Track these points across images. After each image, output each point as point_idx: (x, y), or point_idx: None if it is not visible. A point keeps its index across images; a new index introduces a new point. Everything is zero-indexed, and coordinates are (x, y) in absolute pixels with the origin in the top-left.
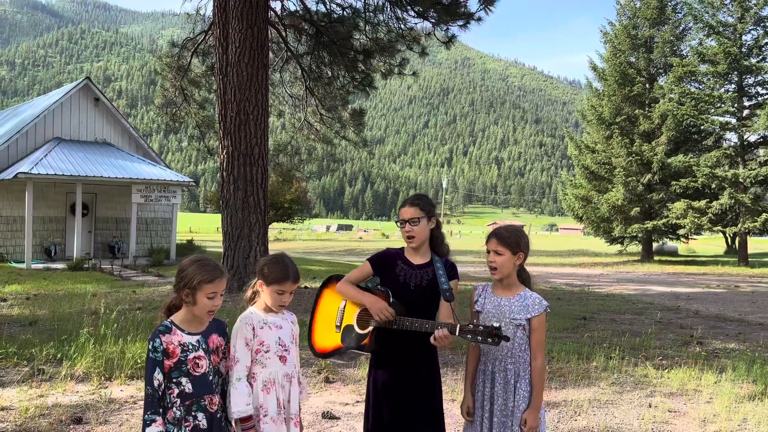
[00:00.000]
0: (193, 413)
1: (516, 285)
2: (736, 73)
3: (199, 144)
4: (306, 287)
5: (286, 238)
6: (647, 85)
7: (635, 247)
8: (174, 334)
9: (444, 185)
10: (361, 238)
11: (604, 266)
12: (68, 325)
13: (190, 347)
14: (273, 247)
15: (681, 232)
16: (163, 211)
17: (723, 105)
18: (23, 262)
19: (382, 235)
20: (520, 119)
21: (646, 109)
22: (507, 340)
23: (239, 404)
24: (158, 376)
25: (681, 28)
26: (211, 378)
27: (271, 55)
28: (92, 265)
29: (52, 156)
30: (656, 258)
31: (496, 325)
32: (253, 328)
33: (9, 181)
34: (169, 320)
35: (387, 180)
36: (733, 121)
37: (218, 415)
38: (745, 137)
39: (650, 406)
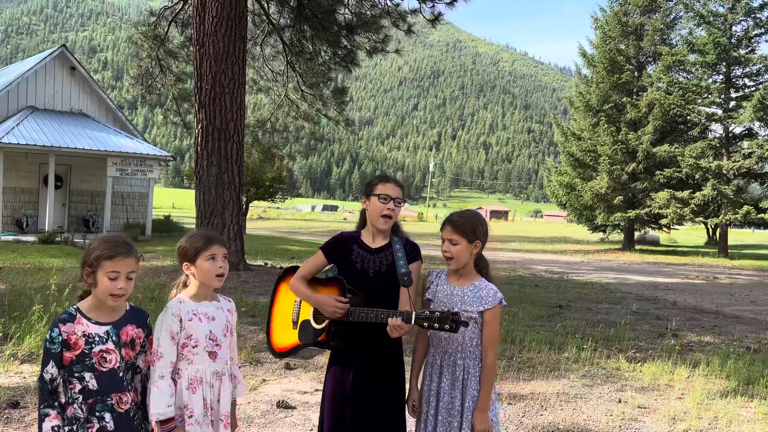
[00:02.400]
0: (97, 413)
1: (472, 274)
2: (724, 63)
3: (175, 118)
4: (282, 267)
5: (269, 216)
6: (636, 73)
7: (617, 236)
8: (78, 322)
9: (431, 168)
10: (345, 218)
11: (585, 254)
12: (24, 300)
13: (97, 339)
14: (255, 226)
15: (663, 221)
16: (140, 185)
17: (710, 96)
18: None
19: None
20: (509, 105)
21: (634, 97)
22: (466, 326)
23: (160, 405)
24: (51, 369)
25: (672, 16)
26: (121, 374)
27: (252, 27)
28: (64, 239)
29: (25, 125)
30: (637, 247)
31: (455, 309)
32: (181, 320)
33: None
34: (74, 307)
35: (374, 161)
36: (720, 112)
37: (131, 414)
38: (730, 129)
39: (620, 402)
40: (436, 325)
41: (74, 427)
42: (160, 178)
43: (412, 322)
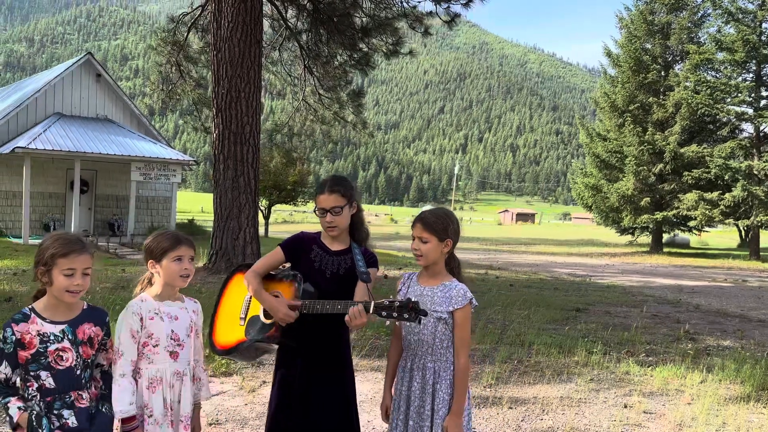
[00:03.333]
0: (56, 411)
1: (442, 274)
2: (754, 61)
3: (195, 122)
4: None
5: (294, 220)
6: (662, 73)
7: (646, 238)
8: (32, 322)
9: (456, 171)
10: (369, 222)
11: (611, 257)
12: None
13: (52, 338)
14: (280, 229)
15: (692, 224)
16: (164, 189)
17: (740, 94)
18: (21, 237)
19: (391, 219)
20: (537, 106)
21: (661, 97)
22: (425, 315)
23: (122, 403)
24: (5, 369)
25: (699, 14)
26: (78, 372)
27: (270, 32)
28: (89, 242)
29: (51, 131)
30: (666, 250)
31: (413, 298)
32: (141, 319)
33: (7, 156)
34: (29, 306)
35: (401, 165)
36: (750, 111)
37: (91, 411)
38: (761, 128)
39: (625, 407)
40: (394, 314)
41: (34, 413)
42: (190, 183)
43: (371, 311)
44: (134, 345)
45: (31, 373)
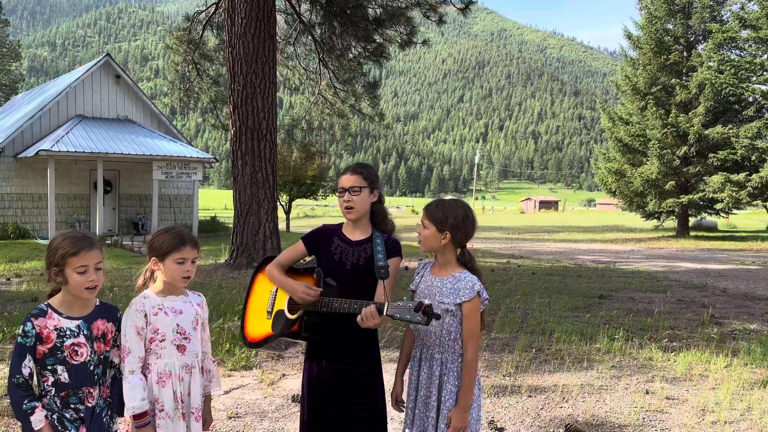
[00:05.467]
0: (72, 405)
1: (452, 266)
2: None
3: (214, 120)
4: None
5: (316, 214)
6: (684, 53)
7: (672, 223)
8: (50, 317)
9: (476, 160)
10: (391, 214)
11: (636, 242)
12: None
13: (68, 333)
14: (302, 224)
15: (718, 206)
16: (186, 187)
17: (765, 73)
18: (47, 238)
19: (412, 211)
20: (558, 92)
21: (683, 78)
22: (437, 319)
23: (134, 399)
24: (29, 363)
25: None
26: (92, 368)
27: (285, 26)
28: (114, 242)
29: (74, 133)
30: (693, 234)
31: (426, 302)
32: (146, 315)
33: (32, 159)
34: (46, 303)
35: (421, 156)
36: None
37: (97, 411)
38: None
39: (647, 393)
40: (407, 316)
41: (54, 414)
42: (213, 180)
43: (385, 313)
44: (140, 342)
45: (48, 368)
